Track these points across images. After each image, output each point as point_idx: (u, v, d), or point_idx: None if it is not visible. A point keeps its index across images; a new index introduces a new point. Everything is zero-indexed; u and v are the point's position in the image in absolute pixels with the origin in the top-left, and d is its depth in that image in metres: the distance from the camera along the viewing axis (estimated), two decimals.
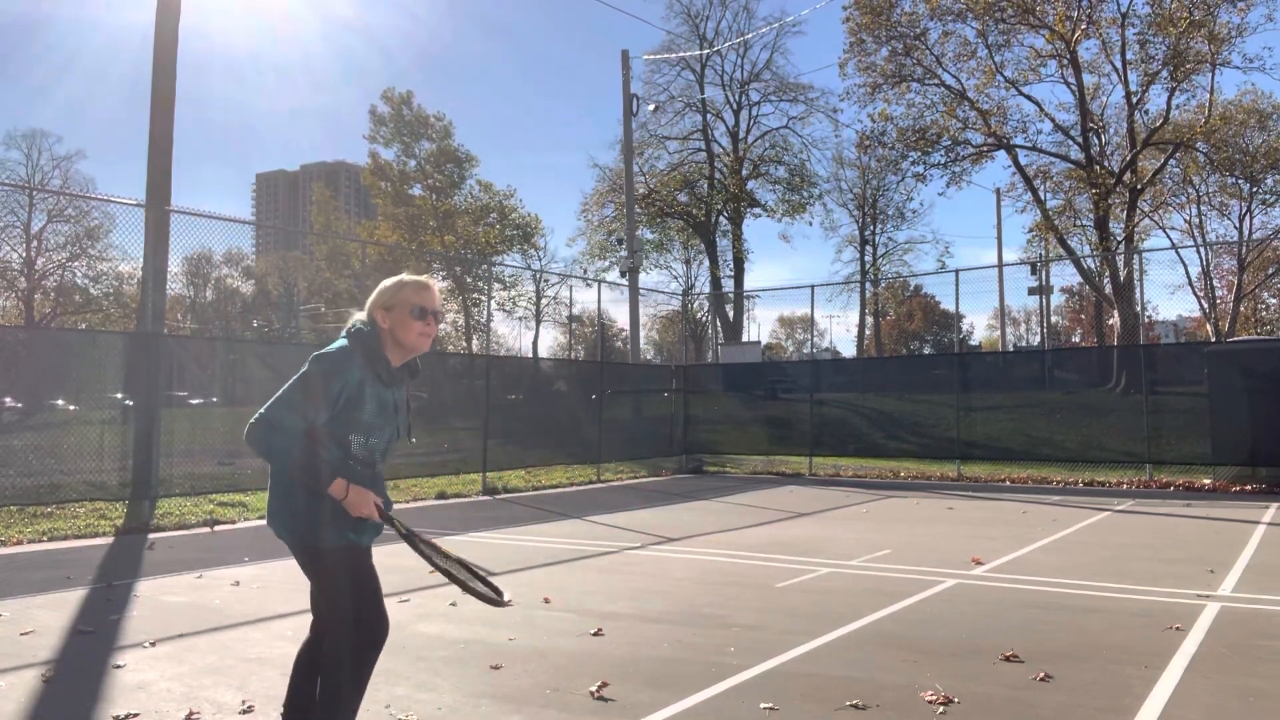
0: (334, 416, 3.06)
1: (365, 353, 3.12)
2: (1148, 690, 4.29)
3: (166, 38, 12.25)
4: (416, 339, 3.19)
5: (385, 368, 3.14)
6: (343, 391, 3.06)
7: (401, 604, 6.33)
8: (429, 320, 3.21)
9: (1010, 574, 7.35)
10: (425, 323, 3.19)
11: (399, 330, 3.17)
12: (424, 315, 3.19)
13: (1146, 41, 23.86)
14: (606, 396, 18.41)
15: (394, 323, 3.17)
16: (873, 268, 48.13)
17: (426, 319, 3.20)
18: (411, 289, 3.20)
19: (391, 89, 41.08)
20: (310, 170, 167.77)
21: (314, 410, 3.02)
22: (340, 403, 3.07)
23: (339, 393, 3.05)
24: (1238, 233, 35.91)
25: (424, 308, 3.19)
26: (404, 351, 3.21)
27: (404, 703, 4.19)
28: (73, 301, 42.19)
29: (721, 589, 6.80)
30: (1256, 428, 14.16)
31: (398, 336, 3.18)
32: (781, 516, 11.44)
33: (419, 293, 3.20)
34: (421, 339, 3.20)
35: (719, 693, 4.30)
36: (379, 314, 3.20)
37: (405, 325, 3.17)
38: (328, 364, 3.06)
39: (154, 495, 11.30)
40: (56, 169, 44.79)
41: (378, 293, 3.24)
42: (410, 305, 3.17)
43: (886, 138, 27.34)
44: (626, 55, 24.08)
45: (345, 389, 3.06)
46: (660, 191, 38.30)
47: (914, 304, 63.00)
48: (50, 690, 4.44)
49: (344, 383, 3.06)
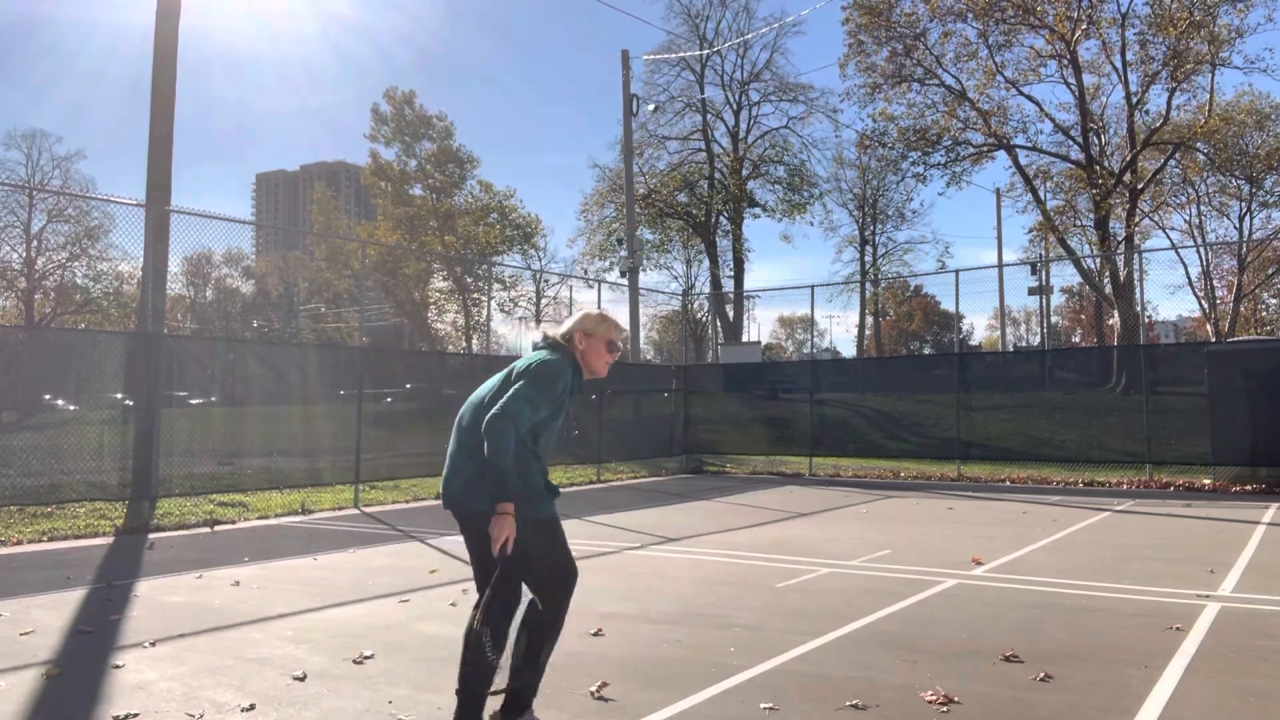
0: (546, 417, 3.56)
1: (571, 364, 3.68)
2: (1148, 690, 4.29)
3: (166, 38, 12.25)
4: (601, 366, 3.81)
5: (579, 380, 3.73)
6: (561, 394, 3.58)
7: (402, 604, 6.33)
8: (614, 354, 3.84)
9: (1010, 574, 7.35)
10: (612, 355, 3.83)
11: (591, 354, 3.77)
12: (613, 349, 3.83)
13: (1146, 42, 23.87)
14: (606, 396, 18.41)
15: (589, 347, 3.76)
16: (873, 268, 48.15)
17: (614, 352, 3.83)
18: (611, 325, 3.84)
19: (394, 88, 41.11)
20: (310, 170, 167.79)
21: (545, 409, 3.52)
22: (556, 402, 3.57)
23: (559, 395, 3.57)
24: (1238, 233, 35.92)
25: (616, 343, 3.84)
26: (586, 372, 3.79)
27: (404, 703, 4.19)
28: (73, 301, 42.18)
29: (721, 589, 6.80)
30: (1256, 428, 14.16)
31: (589, 360, 3.77)
32: (781, 516, 11.44)
33: (614, 330, 3.84)
34: (604, 367, 3.82)
35: (719, 693, 4.30)
36: (579, 336, 3.77)
37: (598, 352, 3.79)
38: (555, 370, 3.58)
39: (154, 495, 11.30)
40: (56, 169, 44.83)
41: (583, 318, 3.82)
42: (608, 339, 3.80)
43: (887, 138, 27.35)
44: (626, 55, 24.09)
45: (562, 393, 3.58)
46: (660, 192, 38.29)
47: (914, 304, 62.98)
48: (50, 690, 4.44)
49: (563, 387, 3.58)
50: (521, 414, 3.40)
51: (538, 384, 3.50)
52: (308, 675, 4.60)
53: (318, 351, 19.03)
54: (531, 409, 3.44)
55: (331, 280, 49.48)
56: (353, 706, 4.14)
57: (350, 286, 46.24)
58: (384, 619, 5.87)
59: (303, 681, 4.51)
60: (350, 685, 4.45)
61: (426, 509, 12.49)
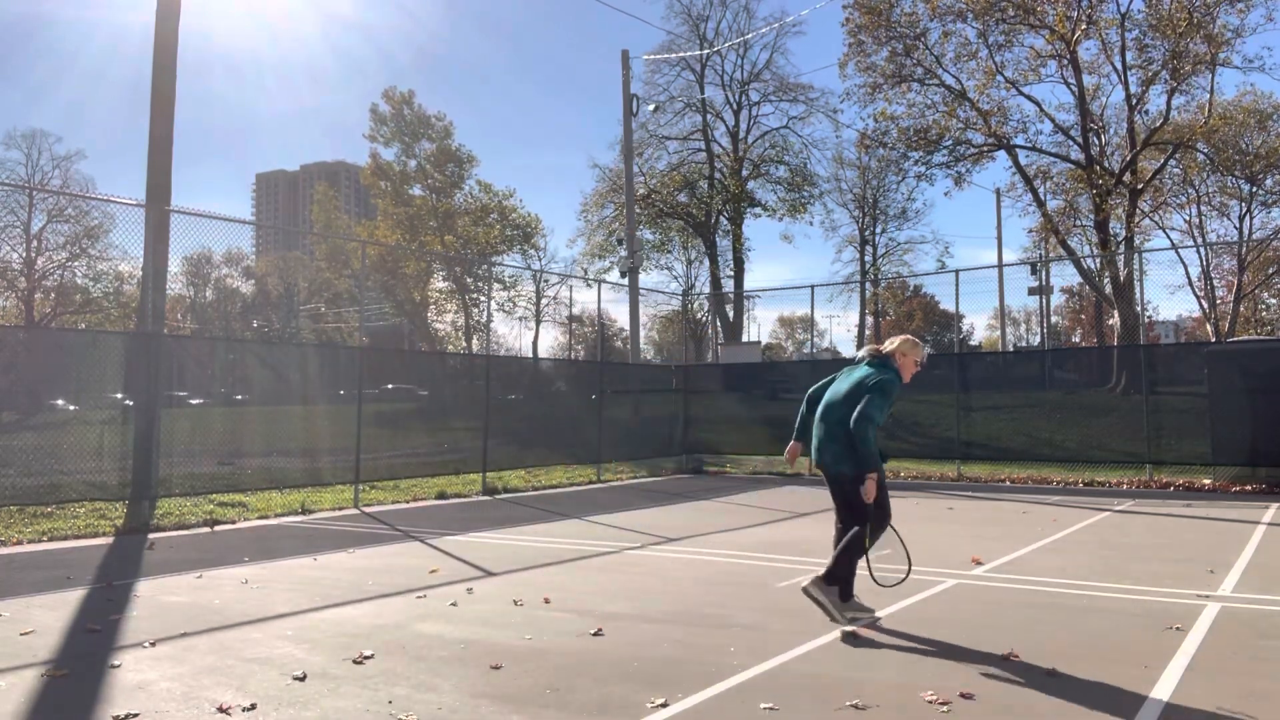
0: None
1: (898, 377, 5.61)
2: (1148, 690, 4.29)
3: (166, 38, 12.25)
4: (908, 377, 5.71)
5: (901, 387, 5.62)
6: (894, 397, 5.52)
7: (401, 604, 6.33)
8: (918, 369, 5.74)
9: (1010, 574, 7.34)
10: (917, 369, 5.74)
11: (904, 369, 5.69)
12: (919, 367, 5.75)
13: (1145, 45, 23.86)
14: (606, 396, 18.40)
15: (904, 365, 5.68)
16: (873, 268, 48.15)
17: (918, 367, 5.75)
18: (921, 351, 5.73)
19: (393, 88, 41.09)
20: (310, 170, 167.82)
21: (888, 407, 5.49)
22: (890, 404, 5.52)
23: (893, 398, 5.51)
24: (1238, 233, 35.91)
25: (921, 364, 5.75)
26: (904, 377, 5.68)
27: (404, 703, 4.19)
28: (73, 301, 42.17)
29: (721, 589, 6.80)
30: (1256, 428, 14.15)
31: (902, 373, 5.67)
32: (781, 516, 11.44)
33: (922, 354, 5.74)
34: (909, 377, 5.71)
35: (719, 693, 4.30)
36: (898, 354, 5.68)
37: (909, 369, 5.70)
38: (894, 384, 5.53)
39: (154, 495, 11.29)
40: (56, 169, 44.76)
41: (903, 343, 5.73)
42: (917, 359, 5.71)
43: (888, 138, 27.34)
44: (626, 55, 24.09)
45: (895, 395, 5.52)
46: (660, 192, 38.29)
47: (914, 304, 62.95)
48: (50, 690, 4.44)
49: (896, 393, 5.53)
50: (876, 417, 5.40)
51: (885, 394, 5.44)
52: (308, 675, 4.60)
53: (318, 351, 19.03)
54: (881, 412, 5.41)
55: (331, 280, 49.50)
56: (353, 706, 4.14)
57: (350, 286, 46.25)
58: (384, 619, 5.87)
59: (303, 681, 4.51)
60: (350, 685, 4.45)
61: (426, 509, 12.49)
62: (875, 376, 5.49)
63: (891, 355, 5.67)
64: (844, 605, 5.52)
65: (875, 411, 5.36)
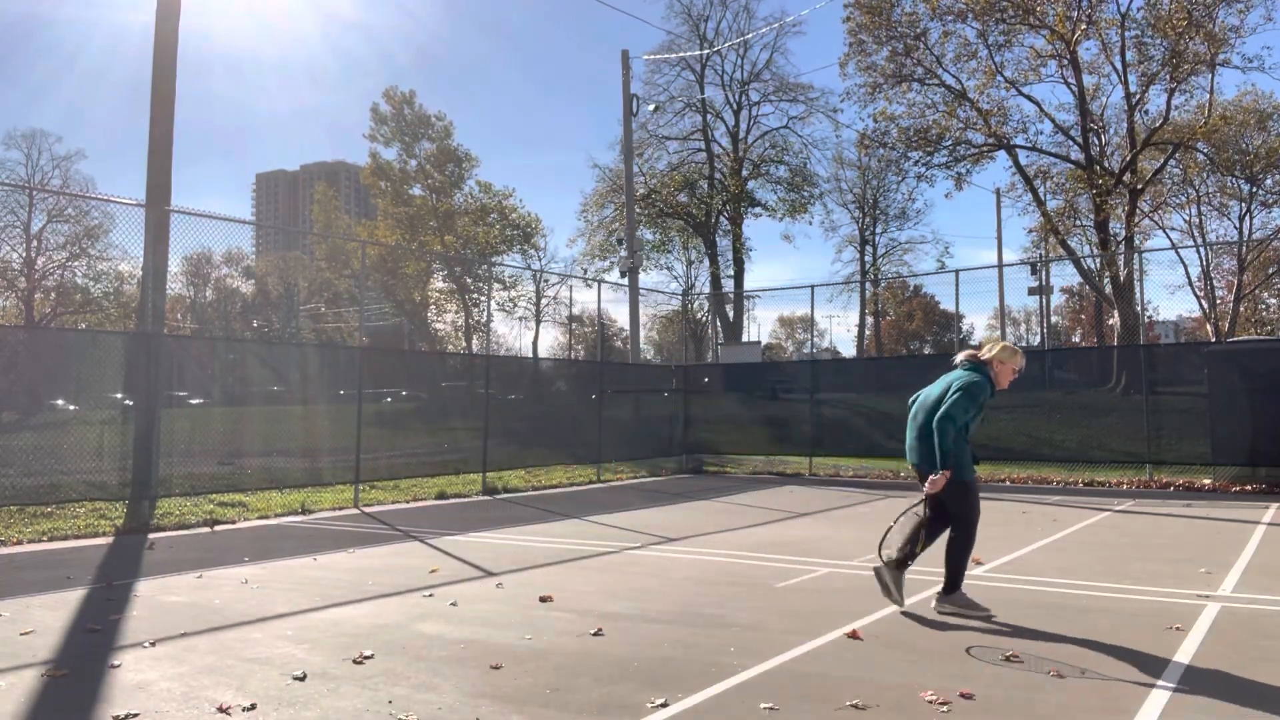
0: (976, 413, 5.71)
1: (989, 380, 5.79)
2: (1148, 690, 4.29)
3: (166, 38, 12.25)
4: (1005, 383, 5.91)
5: (992, 390, 5.82)
6: (982, 401, 5.69)
7: (402, 604, 6.33)
8: (1016, 376, 5.94)
9: (1010, 574, 7.34)
10: (1014, 376, 5.93)
11: (1001, 375, 5.88)
12: (1016, 374, 5.93)
13: (1145, 43, 23.85)
14: (606, 396, 18.40)
15: (1001, 370, 5.86)
16: (873, 268, 48.19)
17: (1016, 374, 5.93)
18: (1019, 358, 5.90)
19: (394, 88, 41.09)
20: (310, 170, 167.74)
21: (972, 411, 5.68)
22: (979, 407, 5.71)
23: (981, 402, 5.69)
24: (1238, 233, 35.91)
25: (1020, 370, 5.93)
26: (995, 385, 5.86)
27: (404, 703, 4.19)
28: (73, 301, 42.15)
29: (721, 589, 6.80)
30: (1256, 428, 14.15)
31: (999, 377, 5.87)
32: (781, 516, 11.44)
33: (1021, 361, 5.91)
34: (1006, 384, 5.92)
35: (719, 693, 4.30)
36: (995, 362, 5.86)
37: (1005, 376, 5.89)
38: (980, 387, 5.70)
39: (154, 495, 11.29)
40: (56, 169, 44.74)
41: (1001, 349, 5.88)
42: (1015, 367, 5.89)
43: (888, 138, 27.33)
44: (626, 55, 24.09)
45: (985, 398, 5.71)
46: (660, 192, 38.29)
47: (914, 304, 62.95)
48: (50, 690, 4.44)
49: (984, 397, 5.70)
50: (957, 418, 5.58)
51: (969, 396, 5.62)
52: (308, 675, 4.60)
53: (318, 351, 19.03)
54: (963, 413, 5.61)
55: (331, 280, 49.51)
56: (353, 706, 4.14)
57: (350, 286, 46.26)
58: (384, 619, 5.87)
59: (303, 681, 4.51)
60: (350, 685, 4.45)
61: (426, 509, 12.49)
62: (963, 380, 5.72)
63: (988, 362, 5.86)
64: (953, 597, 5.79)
65: (958, 412, 5.58)
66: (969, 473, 5.73)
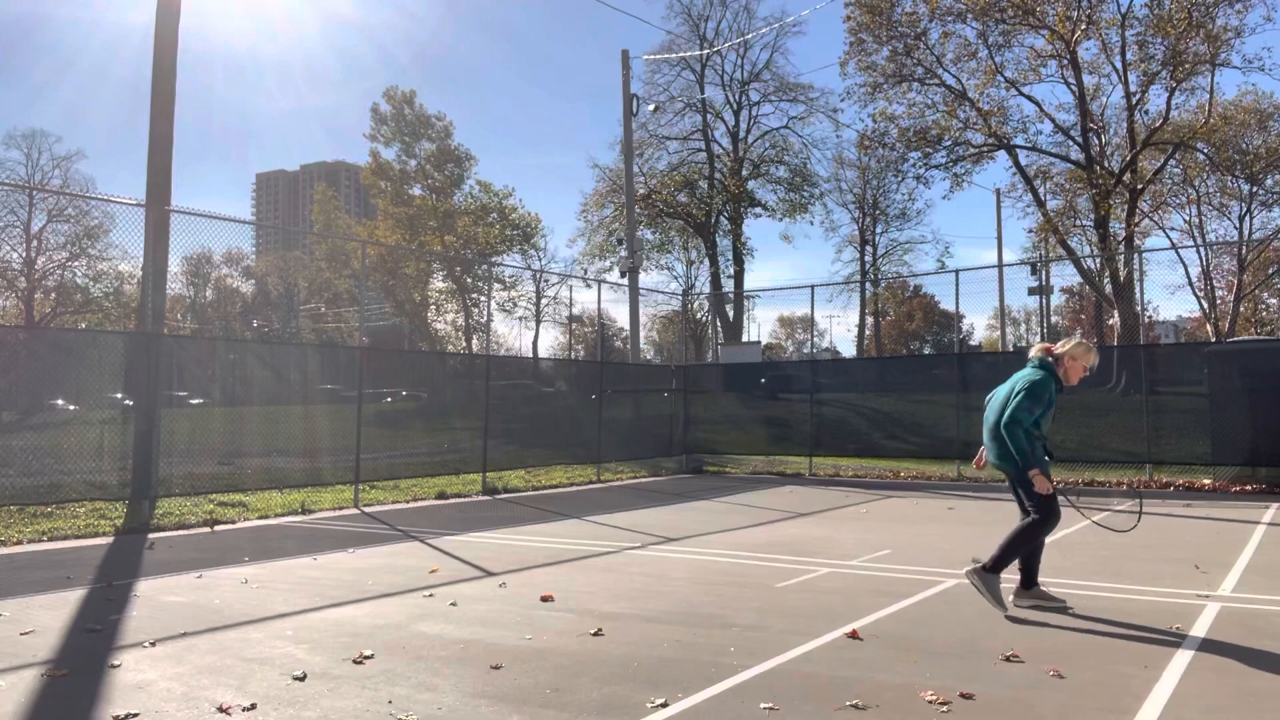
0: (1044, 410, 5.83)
1: (1054, 377, 5.91)
2: (1148, 690, 4.29)
3: (166, 38, 12.25)
4: (1075, 380, 6.03)
5: (1059, 386, 5.94)
6: (1047, 399, 5.82)
7: (402, 604, 6.33)
8: (1088, 374, 6.04)
9: (1011, 574, 7.33)
10: (1087, 374, 6.04)
11: (1071, 372, 5.99)
12: (1088, 371, 6.02)
13: (1145, 42, 23.85)
14: (606, 396, 18.40)
15: (1071, 369, 5.98)
16: (873, 268, 48.19)
17: (1088, 373, 6.03)
18: (1091, 357, 6.00)
19: (394, 87, 41.10)
20: (310, 170, 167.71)
21: (1038, 408, 5.80)
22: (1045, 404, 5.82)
23: (1047, 399, 5.82)
24: (1238, 233, 35.90)
25: (1091, 368, 6.01)
26: (1065, 381, 5.98)
27: (404, 703, 4.19)
28: (73, 301, 42.16)
29: (721, 589, 6.80)
30: (1256, 428, 14.14)
31: (1068, 374, 5.99)
32: (781, 516, 11.44)
33: (1092, 360, 6.00)
34: (1076, 380, 6.03)
35: (719, 693, 4.30)
36: (1066, 359, 5.97)
37: (1075, 373, 6.00)
38: (1043, 385, 5.83)
39: (154, 495, 11.30)
40: (56, 169, 44.76)
41: (1074, 347, 6.00)
42: (1086, 365, 5.98)
43: (888, 138, 27.34)
44: (626, 55, 24.09)
45: (1049, 396, 5.83)
46: (660, 192, 38.29)
47: (914, 304, 62.96)
48: (50, 690, 4.44)
49: (1049, 394, 5.84)
50: (1023, 418, 5.77)
51: (1030, 396, 5.79)
52: (308, 675, 4.60)
53: (318, 351, 19.03)
54: (1028, 414, 5.77)
55: (331, 280, 49.51)
56: (353, 706, 4.14)
57: (350, 286, 46.27)
58: (384, 619, 5.87)
59: (303, 681, 4.51)
60: (350, 685, 4.45)
61: (426, 509, 12.49)
62: (1025, 380, 5.87)
63: (1060, 358, 5.97)
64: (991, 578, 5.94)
65: (1023, 414, 5.75)
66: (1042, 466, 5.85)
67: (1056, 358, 5.98)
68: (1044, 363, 5.95)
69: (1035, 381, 5.82)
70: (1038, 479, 5.73)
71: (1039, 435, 5.85)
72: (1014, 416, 5.75)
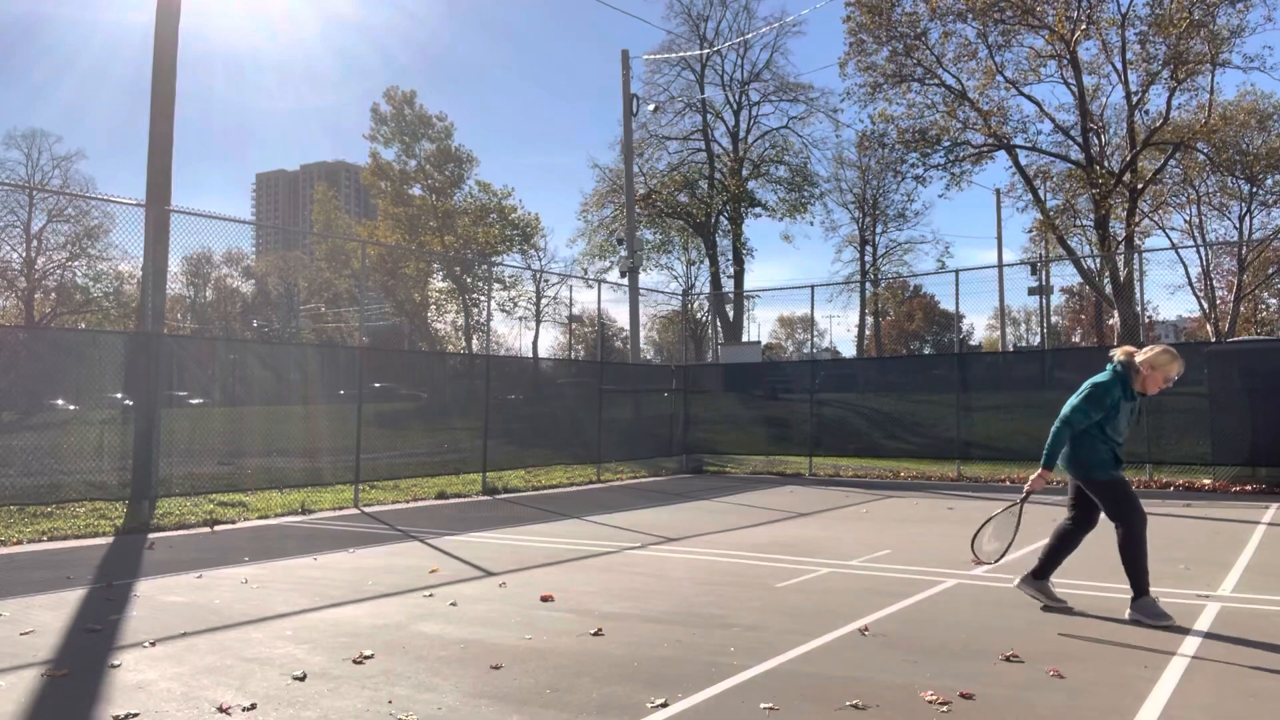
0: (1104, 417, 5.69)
1: (1121, 382, 5.69)
2: (1148, 690, 4.29)
3: (166, 38, 12.25)
4: (1153, 389, 5.74)
5: (1130, 392, 5.71)
6: (1109, 404, 5.66)
7: (402, 604, 6.33)
8: (1167, 384, 5.75)
9: (1010, 574, 7.34)
10: (1165, 385, 5.74)
11: (1149, 380, 5.69)
12: (1168, 382, 5.74)
13: (1146, 41, 23.83)
14: (606, 396, 18.40)
15: (1149, 377, 5.69)
16: (873, 268, 48.17)
17: (1167, 384, 5.74)
18: (1174, 369, 5.70)
19: (395, 88, 41.05)
20: (310, 170, 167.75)
21: (1096, 412, 5.68)
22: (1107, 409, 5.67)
23: (1107, 404, 5.66)
24: (1238, 233, 35.89)
25: (1172, 379, 5.73)
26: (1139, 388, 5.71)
27: (404, 703, 4.19)
28: (73, 301, 42.15)
29: (721, 589, 6.80)
30: (1256, 428, 14.14)
31: (1145, 382, 5.70)
32: (781, 516, 11.44)
33: (1174, 371, 5.70)
34: (1155, 390, 5.74)
35: (719, 693, 4.30)
36: (1146, 365, 5.68)
37: (1155, 381, 5.70)
38: (1103, 390, 5.69)
39: (154, 495, 11.30)
40: (56, 169, 44.73)
41: (1157, 354, 5.70)
42: (1166, 375, 5.69)
43: (887, 139, 27.33)
44: (626, 55, 24.09)
45: (1112, 401, 5.65)
46: (660, 192, 38.28)
47: (914, 304, 62.94)
48: (50, 690, 4.44)
49: (1110, 400, 5.66)
50: (1075, 419, 5.70)
51: (1090, 400, 5.69)
52: (308, 675, 4.60)
53: (318, 351, 19.03)
54: (1083, 417, 5.69)
55: (331, 280, 49.51)
56: (353, 706, 4.14)
57: (350, 286, 46.26)
58: (384, 619, 5.87)
59: (303, 681, 4.51)
60: (350, 685, 4.45)
61: (426, 509, 12.49)
62: (1092, 381, 5.78)
63: (1137, 364, 5.73)
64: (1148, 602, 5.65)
65: (1077, 417, 5.71)
66: (1103, 472, 5.76)
67: (1132, 364, 5.73)
68: (1117, 367, 5.76)
69: (1097, 385, 5.71)
70: (1034, 479, 5.84)
71: (1106, 440, 5.74)
72: (1067, 417, 5.72)
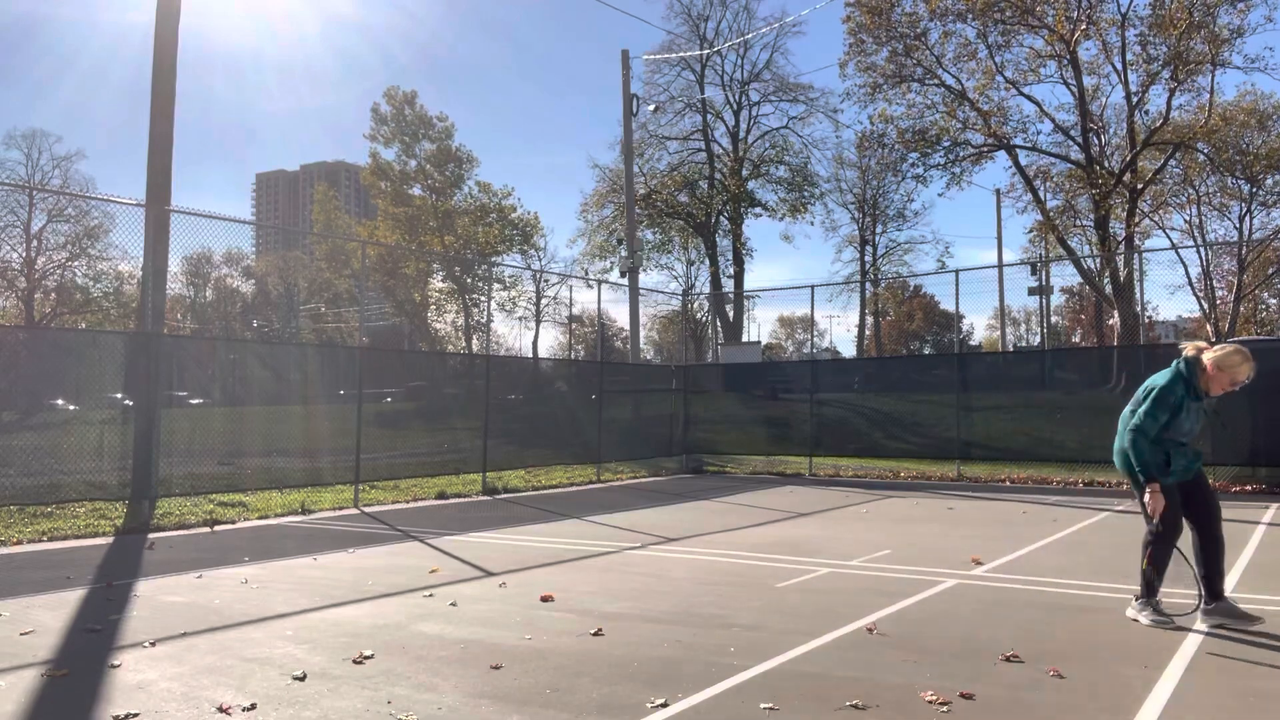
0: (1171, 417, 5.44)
1: (1185, 382, 5.45)
2: (1148, 690, 4.29)
3: (166, 38, 12.25)
4: (1217, 390, 5.47)
5: (1196, 391, 5.46)
6: (1175, 403, 5.42)
7: (402, 604, 6.33)
8: (1233, 387, 5.47)
9: (1010, 574, 7.34)
10: (1230, 388, 5.47)
11: (1214, 381, 5.43)
12: (1234, 385, 5.46)
13: (1147, 42, 23.84)
14: (606, 396, 18.40)
15: (1215, 378, 5.43)
16: (873, 268, 48.17)
17: (1233, 386, 5.46)
18: (1243, 372, 5.42)
19: (395, 88, 41.07)
20: (310, 170, 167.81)
21: (1164, 415, 5.42)
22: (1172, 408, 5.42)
23: (1174, 404, 5.42)
24: (1238, 233, 35.89)
25: (1240, 382, 5.45)
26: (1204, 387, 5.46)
27: (404, 703, 4.19)
28: (73, 301, 42.14)
29: (721, 589, 6.80)
30: (1256, 428, 14.14)
31: (1210, 383, 5.44)
32: (781, 516, 11.44)
33: (1243, 375, 5.43)
34: (1219, 391, 5.48)
35: (719, 693, 4.29)
36: (1212, 365, 5.41)
37: (1220, 382, 5.44)
38: (1167, 391, 5.44)
39: (154, 495, 11.30)
40: (56, 169, 44.72)
41: (1227, 355, 5.43)
42: (1234, 378, 5.42)
43: (887, 139, 27.33)
44: (626, 55, 24.09)
45: (1175, 400, 5.42)
46: (660, 192, 38.29)
47: (914, 304, 62.95)
48: (50, 690, 4.44)
49: (1175, 399, 5.42)
50: (1148, 427, 5.44)
51: (1161, 404, 5.43)
52: (308, 675, 4.60)
53: (318, 351, 19.03)
54: (1153, 420, 5.43)
55: (331, 280, 49.49)
56: (353, 706, 4.14)
57: (350, 286, 46.25)
58: (384, 619, 5.87)
59: (303, 681, 4.51)
60: (350, 685, 4.45)
61: (426, 509, 12.49)
62: (1154, 383, 5.53)
63: (1205, 364, 5.45)
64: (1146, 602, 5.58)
65: (1148, 423, 5.43)
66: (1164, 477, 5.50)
67: (1198, 362, 5.45)
68: (1180, 365, 5.48)
69: (1165, 388, 5.42)
70: (1153, 495, 5.38)
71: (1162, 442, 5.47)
72: (1140, 425, 5.42)
